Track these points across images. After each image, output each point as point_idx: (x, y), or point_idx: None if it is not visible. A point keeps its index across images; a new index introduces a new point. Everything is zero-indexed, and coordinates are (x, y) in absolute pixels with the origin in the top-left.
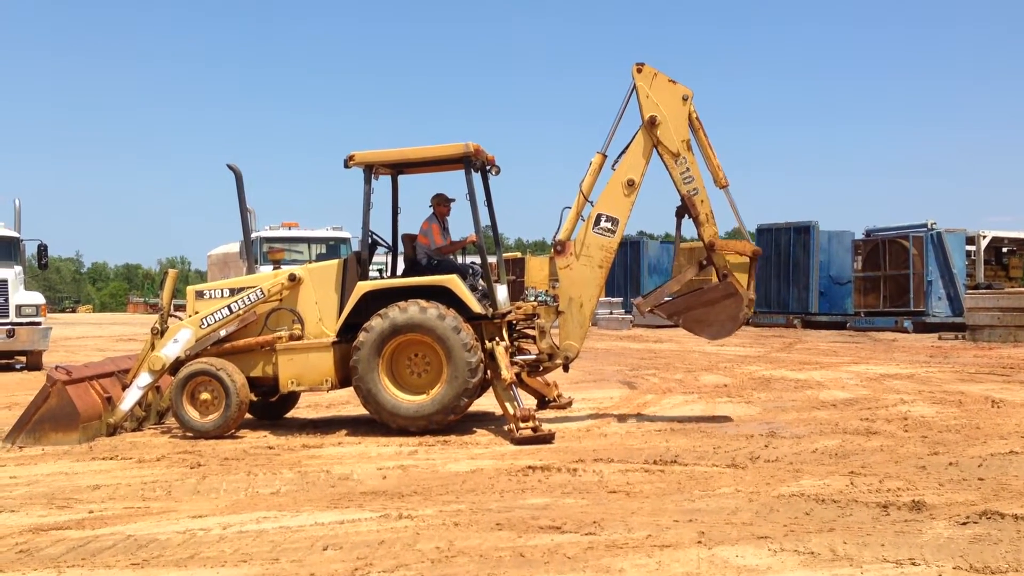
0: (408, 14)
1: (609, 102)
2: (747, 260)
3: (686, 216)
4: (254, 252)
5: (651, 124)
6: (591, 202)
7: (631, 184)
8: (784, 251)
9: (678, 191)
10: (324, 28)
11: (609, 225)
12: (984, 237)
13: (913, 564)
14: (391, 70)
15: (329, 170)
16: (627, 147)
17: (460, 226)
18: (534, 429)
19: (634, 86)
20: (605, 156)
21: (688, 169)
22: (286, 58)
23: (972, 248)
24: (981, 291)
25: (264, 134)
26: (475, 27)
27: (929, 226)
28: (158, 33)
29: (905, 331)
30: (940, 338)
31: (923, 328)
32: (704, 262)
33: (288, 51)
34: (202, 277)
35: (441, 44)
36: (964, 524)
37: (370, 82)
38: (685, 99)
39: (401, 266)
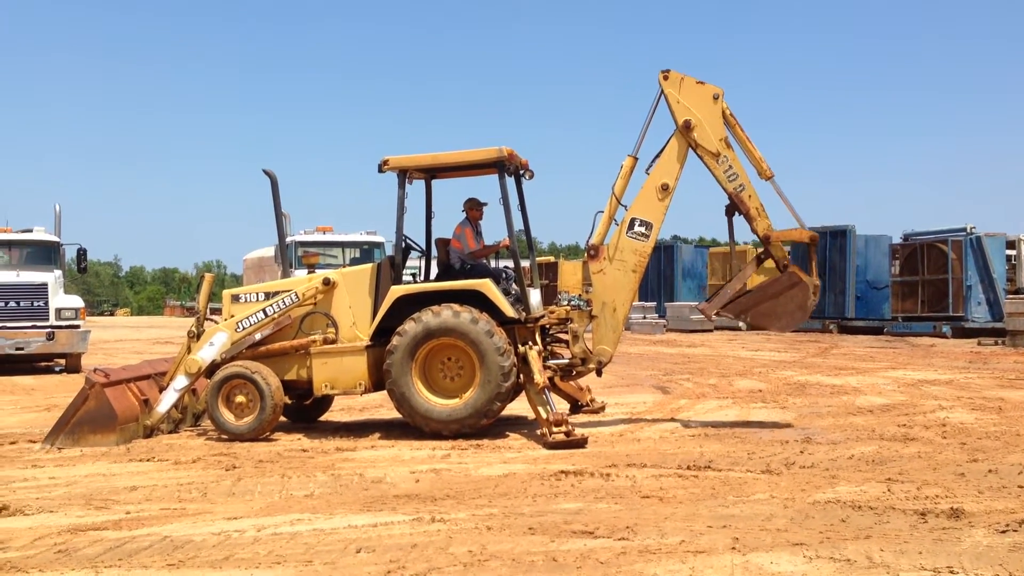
0: (442, 20)
1: (642, 106)
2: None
3: (736, 214)
4: (289, 256)
5: (686, 128)
6: (624, 205)
7: (665, 188)
8: (820, 255)
9: (724, 190)
10: (359, 33)
11: (643, 229)
12: None
13: (951, 572)
14: (425, 75)
15: (363, 174)
16: (661, 152)
17: (493, 230)
18: (567, 433)
19: (662, 93)
20: (636, 159)
21: (731, 167)
22: (322, 63)
23: (1012, 252)
24: (1021, 296)
25: (299, 139)
26: (509, 32)
27: (968, 230)
28: (195, 39)
29: (944, 336)
30: (979, 344)
31: (962, 333)
32: (762, 256)
33: (323, 56)
34: (238, 281)
35: (475, 49)
36: (1003, 532)
37: (404, 87)
38: (716, 98)
39: (435, 270)
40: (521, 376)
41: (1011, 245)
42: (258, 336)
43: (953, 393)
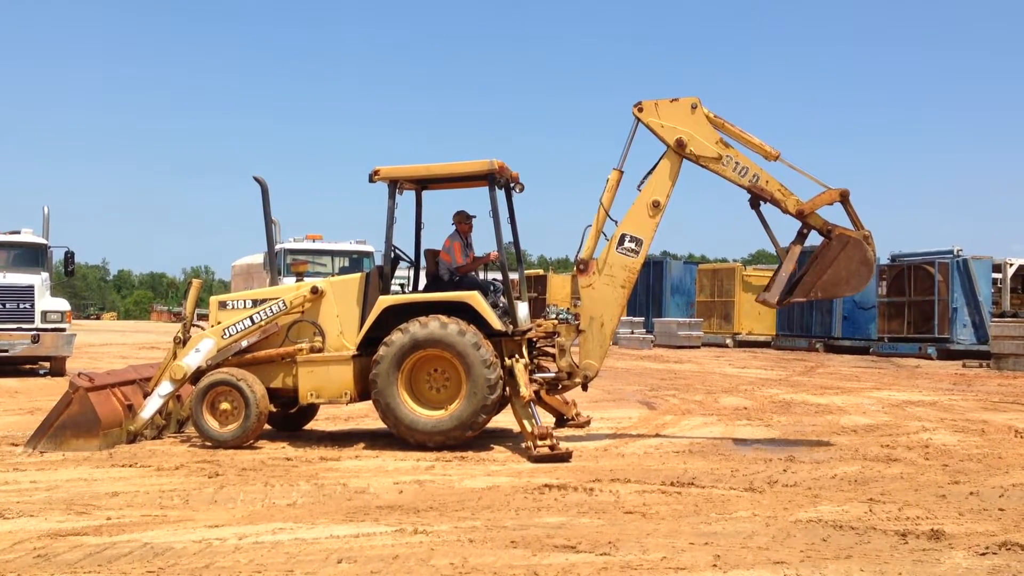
0: (435, 31)
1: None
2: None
3: (762, 203)
4: (277, 264)
5: (680, 146)
6: (612, 218)
7: (656, 205)
8: None
9: (741, 186)
10: (352, 42)
11: (633, 245)
12: (1011, 265)
13: None
14: (418, 85)
15: (354, 184)
16: (653, 169)
17: (483, 242)
18: (551, 447)
19: (640, 123)
20: (622, 172)
21: (737, 163)
22: (314, 71)
23: (998, 276)
24: (1007, 319)
25: (291, 147)
26: (501, 45)
27: (955, 252)
28: (188, 44)
29: (929, 358)
30: (964, 366)
31: (947, 355)
32: (804, 231)
33: (317, 65)
34: (226, 287)
35: (468, 61)
36: (983, 555)
37: (397, 97)
38: (694, 107)
39: (423, 281)
40: (507, 389)
41: (997, 268)
42: (244, 343)
43: (937, 415)
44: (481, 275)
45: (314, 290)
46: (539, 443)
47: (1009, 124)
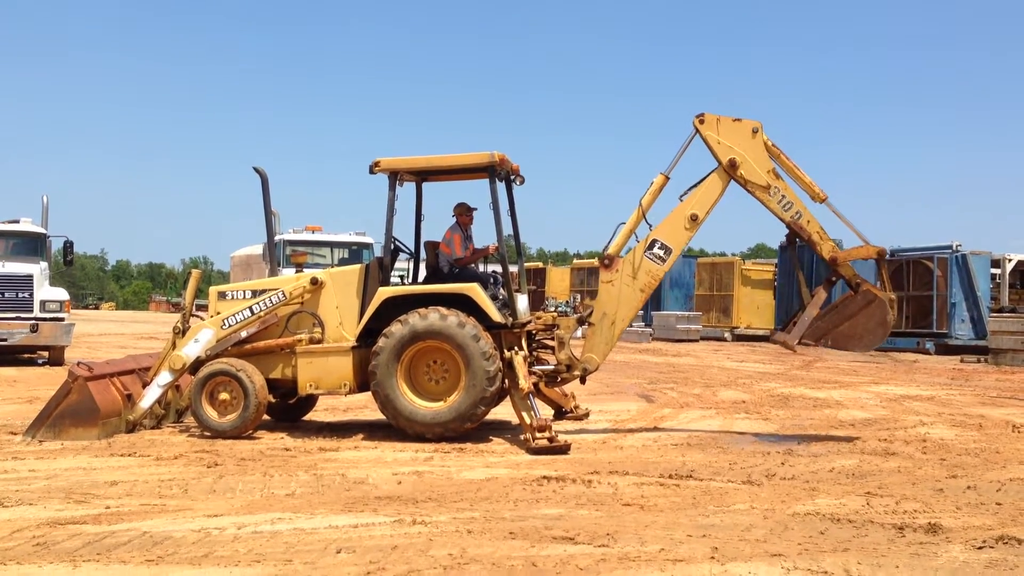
0: (435, 23)
1: (635, 115)
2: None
3: (798, 241)
4: (277, 255)
5: (732, 167)
6: (648, 221)
7: (695, 219)
8: (807, 269)
9: (781, 220)
10: (354, 34)
11: (662, 253)
12: (1009, 260)
13: None
14: (418, 77)
15: (354, 175)
16: (699, 183)
17: (483, 234)
18: (550, 439)
19: (697, 135)
20: (668, 178)
21: (784, 196)
22: (315, 63)
23: (997, 271)
24: (1005, 315)
25: (291, 138)
26: (503, 38)
27: (954, 248)
28: (189, 35)
29: (927, 352)
30: (962, 361)
31: (945, 350)
32: (833, 279)
33: (318, 56)
34: (225, 278)
35: (469, 53)
36: (980, 548)
37: (398, 89)
38: (755, 131)
39: (423, 273)
40: (506, 381)
41: (996, 264)
42: (244, 334)
43: (934, 409)
44: (481, 267)
45: (314, 281)
46: (538, 435)
47: (1009, 121)
